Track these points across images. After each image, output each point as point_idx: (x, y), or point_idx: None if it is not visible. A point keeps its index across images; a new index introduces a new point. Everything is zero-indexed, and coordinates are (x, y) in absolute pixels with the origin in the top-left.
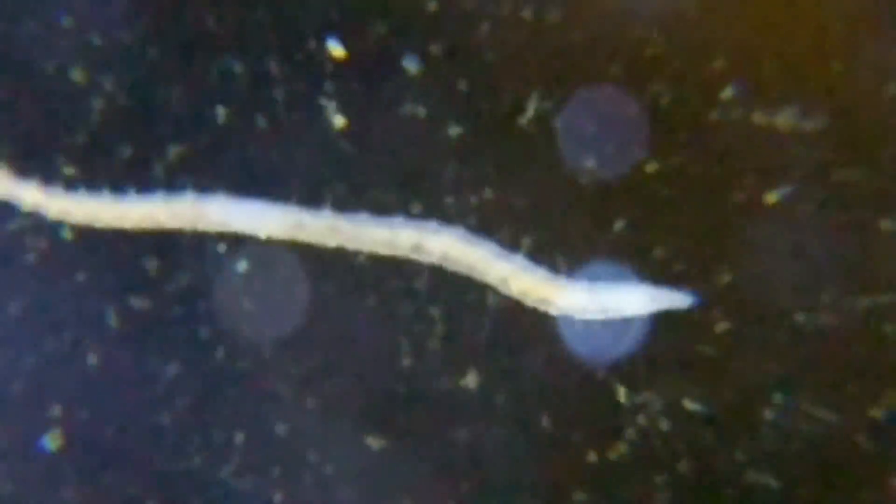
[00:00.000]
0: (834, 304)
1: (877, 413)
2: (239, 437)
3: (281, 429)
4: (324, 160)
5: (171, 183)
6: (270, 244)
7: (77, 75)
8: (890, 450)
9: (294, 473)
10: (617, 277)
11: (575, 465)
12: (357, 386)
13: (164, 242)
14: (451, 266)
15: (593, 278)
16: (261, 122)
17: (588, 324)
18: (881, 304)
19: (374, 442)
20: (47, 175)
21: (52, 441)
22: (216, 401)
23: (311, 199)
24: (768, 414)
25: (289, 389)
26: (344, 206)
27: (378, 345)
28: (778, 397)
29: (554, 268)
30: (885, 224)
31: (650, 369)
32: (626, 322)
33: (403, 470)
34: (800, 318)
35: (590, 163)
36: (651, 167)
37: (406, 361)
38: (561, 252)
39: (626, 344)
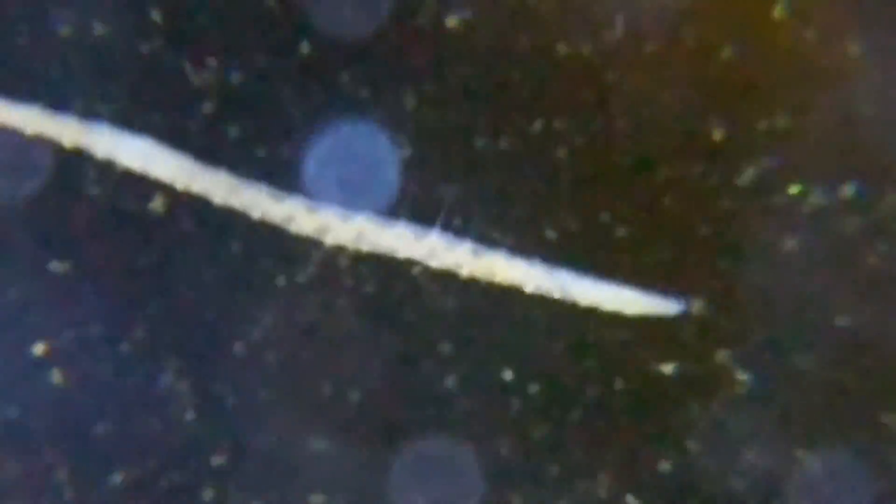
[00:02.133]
0: (515, 129)
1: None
2: None
3: None
4: None
5: None
6: None
7: None
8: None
9: None
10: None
11: (262, 289)
12: (38, 213)
13: None
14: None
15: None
16: None
17: None
18: (558, 129)
19: (57, 266)
20: None
21: None
22: None
23: None
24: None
25: None
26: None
27: (63, 173)
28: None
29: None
30: (562, 48)
31: None
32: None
33: (89, 297)
34: (480, 142)
35: None
36: None
37: (92, 192)
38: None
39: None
